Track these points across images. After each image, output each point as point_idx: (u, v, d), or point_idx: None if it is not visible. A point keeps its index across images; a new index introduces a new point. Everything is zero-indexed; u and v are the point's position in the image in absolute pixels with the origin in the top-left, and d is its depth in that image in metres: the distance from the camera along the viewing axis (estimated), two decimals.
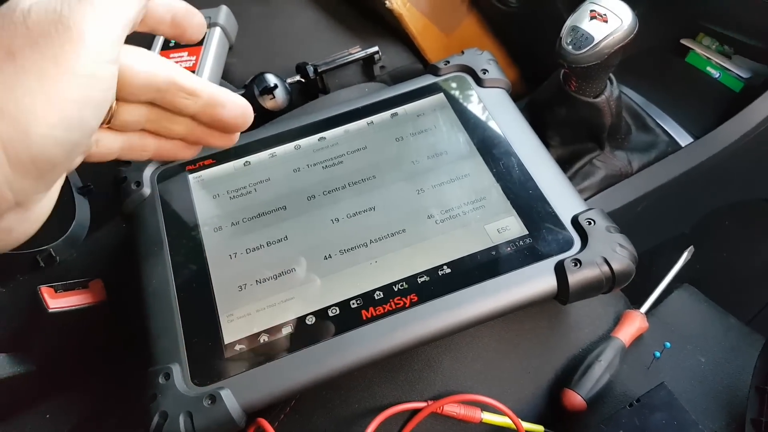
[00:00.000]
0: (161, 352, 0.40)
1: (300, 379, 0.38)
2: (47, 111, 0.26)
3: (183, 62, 0.68)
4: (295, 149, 0.51)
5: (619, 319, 0.49)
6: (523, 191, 0.45)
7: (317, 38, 0.74)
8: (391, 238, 0.44)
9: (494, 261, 0.42)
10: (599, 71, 0.51)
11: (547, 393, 0.46)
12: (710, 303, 0.52)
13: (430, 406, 0.42)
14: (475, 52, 0.55)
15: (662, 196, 0.61)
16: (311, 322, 0.40)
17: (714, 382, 0.47)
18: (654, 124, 0.65)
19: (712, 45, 0.69)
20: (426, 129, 0.51)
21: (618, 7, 0.49)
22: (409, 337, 0.40)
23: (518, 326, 0.48)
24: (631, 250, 0.41)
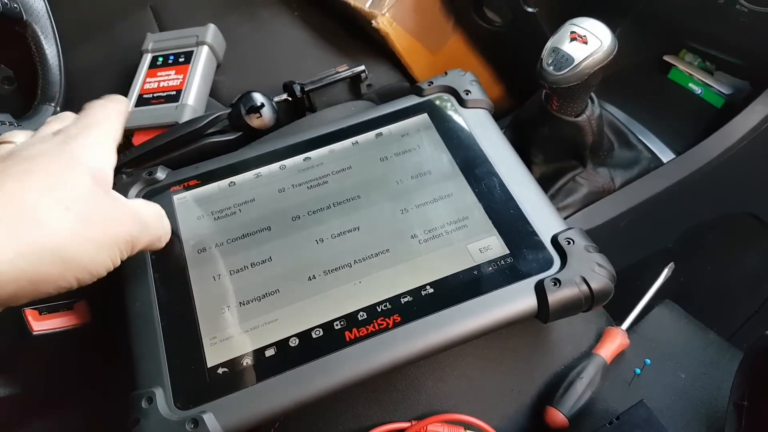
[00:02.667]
0: (144, 376, 0.40)
1: (283, 401, 0.38)
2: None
3: (170, 81, 0.68)
4: (280, 169, 0.51)
5: (600, 336, 0.49)
6: (505, 211, 0.46)
7: (304, 57, 0.74)
8: (374, 258, 0.45)
9: (476, 280, 0.42)
10: (580, 91, 0.52)
11: (530, 410, 0.46)
12: (690, 319, 0.53)
13: (413, 426, 0.43)
14: (459, 73, 0.56)
15: (645, 212, 0.62)
16: (294, 344, 0.40)
17: (693, 398, 0.47)
18: (636, 140, 0.66)
19: (695, 61, 0.70)
20: (410, 149, 0.51)
21: (597, 28, 0.50)
22: (392, 357, 0.40)
23: (501, 344, 0.48)
24: (609, 270, 0.42)
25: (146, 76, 0.70)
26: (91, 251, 0.32)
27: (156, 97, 0.67)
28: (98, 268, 0.33)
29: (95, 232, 0.32)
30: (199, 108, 0.67)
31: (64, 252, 0.30)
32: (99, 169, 0.34)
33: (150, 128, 0.65)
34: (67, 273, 0.31)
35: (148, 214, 0.38)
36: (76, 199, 0.31)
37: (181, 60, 0.71)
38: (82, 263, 0.31)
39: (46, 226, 0.29)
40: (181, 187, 0.50)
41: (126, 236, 0.35)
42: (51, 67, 0.70)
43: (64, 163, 0.33)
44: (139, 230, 0.36)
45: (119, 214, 0.35)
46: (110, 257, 0.33)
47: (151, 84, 0.69)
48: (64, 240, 0.30)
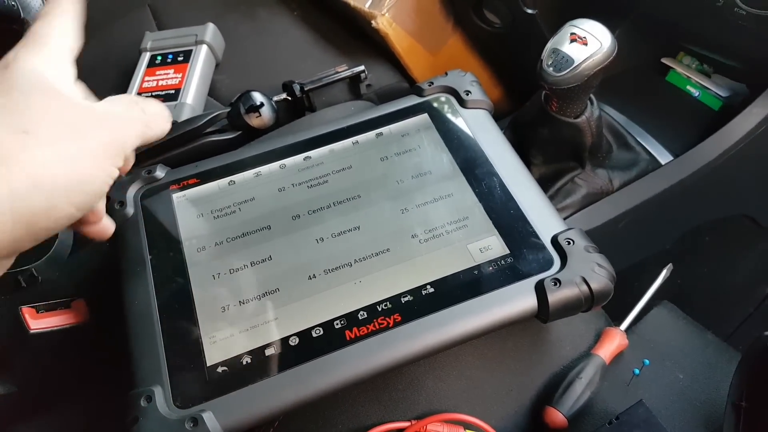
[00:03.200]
0: (143, 374, 0.40)
1: (283, 400, 0.38)
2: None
3: (169, 79, 0.68)
4: (280, 168, 0.51)
5: (599, 337, 0.49)
6: (505, 211, 0.46)
7: (304, 56, 0.74)
8: (375, 257, 0.45)
9: (477, 280, 0.42)
10: (579, 92, 0.52)
11: (529, 410, 0.46)
12: (688, 320, 0.53)
13: (413, 425, 0.43)
14: (459, 73, 0.56)
15: (643, 214, 0.62)
16: (294, 343, 0.40)
17: (692, 399, 0.47)
18: (635, 142, 0.66)
19: (692, 64, 0.70)
20: (410, 149, 0.51)
21: (597, 30, 0.50)
22: (392, 357, 0.40)
23: (500, 344, 0.48)
24: (609, 270, 0.42)
25: (145, 74, 0.70)
26: (70, 168, 0.28)
27: (155, 96, 0.67)
28: (90, 184, 0.30)
29: (65, 147, 0.28)
30: (197, 107, 0.67)
31: (40, 178, 0.27)
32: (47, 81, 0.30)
33: None
34: (56, 200, 0.28)
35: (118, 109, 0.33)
36: (32, 120, 0.28)
37: (180, 59, 0.70)
38: (68, 184, 0.28)
39: (9, 157, 0.26)
40: (181, 185, 0.50)
41: (104, 140, 0.31)
42: None
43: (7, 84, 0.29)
44: (115, 128, 0.32)
45: (86, 121, 0.30)
46: (98, 167, 0.30)
47: (150, 83, 0.69)
48: (35, 166, 0.27)
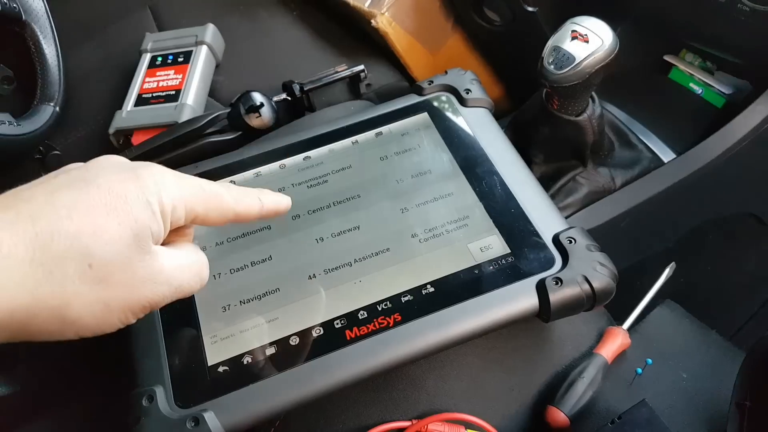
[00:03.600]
0: (144, 374, 0.40)
1: (284, 400, 0.38)
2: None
3: (169, 80, 0.68)
4: (280, 168, 0.51)
5: (601, 336, 0.49)
6: (506, 210, 0.46)
7: (304, 56, 0.74)
8: (375, 257, 0.44)
9: (477, 280, 0.42)
10: (581, 90, 0.52)
11: (531, 410, 0.46)
12: (692, 319, 0.53)
13: (414, 425, 0.42)
14: (459, 72, 0.56)
15: (645, 212, 0.61)
16: (295, 343, 0.40)
17: (695, 398, 0.47)
18: (637, 140, 0.66)
19: (695, 61, 0.70)
20: (410, 148, 0.51)
21: (599, 27, 0.50)
22: (393, 356, 0.40)
23: (502, 344, 0.48)
24: (611, 269, 0.42)
25: (145, 75, 0.70)
26: (98, 313, 0.27)
27: (155, 97, 0.67)
28: (103, 328, 0.29)
29: (110, 296, 0.27)
30: (198, 108, 0.67)
31: (67, 310, 0.26)
32: (148, 223, 0.28)
33: (149, 128, 0.65)
34: (67, 330, 0.27)
35: (184, 276, 0.31)
36: (103, 257, 0.27)
37: (180, 60, 0.70)
38: (86, 323, 0.27)
39: (59, 282, 0.26)
40: None
41: (146, 303, 0.29)
42: (50, 66, 0.70)
43: (115, 204, 0.28)
44: (164, 294, 0.30)
45: (148, 279, 0.29)
46: (120, 320, 0.29)
47: (150, 84, 0.69)
48: (72, 299, 0.26)
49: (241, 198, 0.34)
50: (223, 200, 0.32)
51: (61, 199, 0.27)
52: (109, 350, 0.46)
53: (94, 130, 0.71)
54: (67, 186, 0.28)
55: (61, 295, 0.26)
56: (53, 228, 0.26)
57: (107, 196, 0.28)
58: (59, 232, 0.26)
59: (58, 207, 0.27)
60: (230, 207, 0.33)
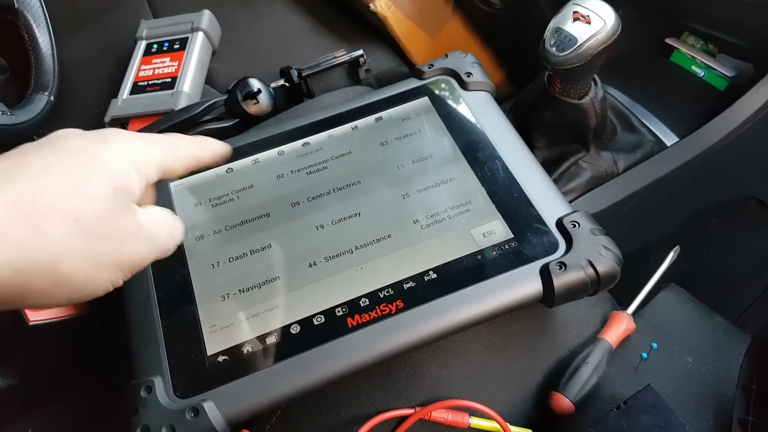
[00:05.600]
0: (143, 365, 0.39)
1: (285, 389, 0.38)
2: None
3: (165, 68, 0.67)
4: (278, 155, 0.50)
5: (606, 321, 0.49)
6: (508, 195, 0.45)
7: (302, 42, 0.73)
8: (376, 244, 0.44)
9: (480, 265, 0.42)
10: (583, 72, 0.51)
11: (535, 396, 0.46)
12: (696, 303, 0.52)
13: (417, 412, 0.42)
14: (459, 55, 0.55)
15: (649, 196, 0.61)
16: (296, 331, 0.40)
17: (701, 382, 0.47)
18: (639, 124, 0.65)
19: (697, 44, 0.69)
20: (411, 133, 0.51)
21: (601, 8, 0.49)
22: (395, 344, 0.39)
23: (505, 330, 0.47)
24: (615, 252, 0.41)
25: (141, 63, 0.69)
26: (89, 270, 0.28)
27: (151, 85, 0.66)
28: (94, 289, 0.29)
29: (99, 251, 0.28)
30: (194, 95, 0.66)
31: (58, 266, 0.27)
32: (126, 180, 0.30)
33: (145, 116, 0.64)
34: (57, 290, 0.28)
35: (161, 232, 0.33)
36: (89, 212, 0.28)
37: (176, 47, 0.70)
38: (76, 282, 0.28)
39: (47, 236, 0.26)
40: None
41: (132, 256, 0.30)
42: (44, 55, 0.69)
43: (91, 164, 0.29)
44: (148, 250, 0.32)
45: (131, 233, 0.30)
46: (110, 279, 0.30)
47: (146, 71, 0.68)
48: (62, 254, 0.27)
49: (194, 145, 0.36)
50: (183, 150, 0.35)
51: (35, 163, 0.27)
52: (107, 341, 0.46)
53: (90, 119, 0.70)
54: (35, 153, 0.28)
55: (51, 250, 0.26)
56: (32, 187, 0.26)
57: (81, 157, 0.29)
58: (40, 191, 0.26)
59: (33, 169, 0.27)
60: (191, 154, 0.35)
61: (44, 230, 0.26)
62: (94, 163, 0.29)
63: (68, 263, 0.27)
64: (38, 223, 0.26)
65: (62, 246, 0.27)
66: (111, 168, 0.29)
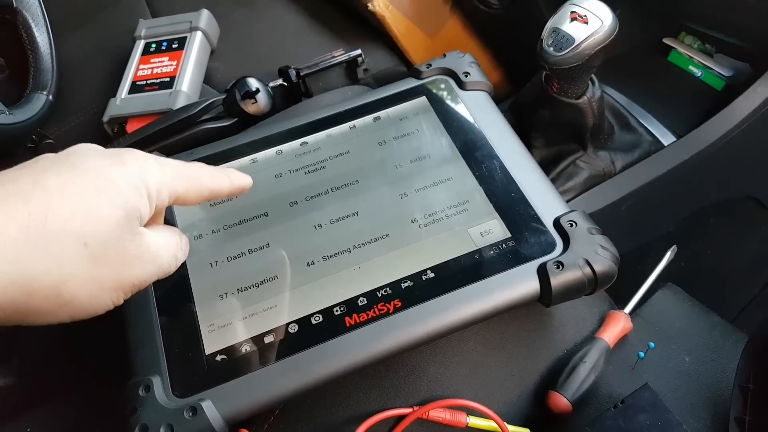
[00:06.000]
0: (141, 364, 0.39)
1: (283, 388, 0.38)
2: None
3: (164, 67, 0.67)
4: (276, 154, 0.50)
5: (603, 320, 0.49)
6: (506, 194, 0.45)
7: (300, 41, 0.73)
8: (374, 243, 0.44)
9: (478, 264, 0.42)
10: (581, 72, 0.51)
11: (533, 395, 0.46)
12: (694, 302, 0.52)
13: (415, 411, 0.42)
14: (457, 54, 0.55)
15: (646, 196, 0.61)
16: (294, 331, 0.40)
17: (698, 381, 0.47)
18: (637, 123, 0.65)
19: (694, 44, 0.69)
20: (409, 133, 0.51)
21: (598, 8, 0.49)
22: (393, 343, 0.39)
23: (503, 329, 0.47)
24: (612, 252, 0.41)
25: (139, 62, 0.69)
26: (93, 292, 0.28)
27: (149, 84, 0.66)
28: (96, 308, 0.29)
29: (104, 274, 0.28)
30: (193, 94, 0.66)
31: (63, 289, 0.27)
32: (137, 205, 0.29)
33: (144, 115, 0.64)
34: (60, 310, 0.28)
35: (166, 255, 0.33)
36: (98, 236, 0.27)
37: (175, 46, 0.69)
38: (80, 303, 0.28)
39: (55, 259, 0.26)
40: None
41: (135, 281, 0.30)
42: (42, 54, 0.69)
43: (106, 188, 0.28)
44: (151, 273, 0.31)
45: (136, 256, 0.30)
46: (112, 299, 0.30)
47: (145, 71, 0.68)
48: (68, 277, 0.27)
49: (214, 177, 0.35)
50: (201, 180, 0.34)
51: (51, 181, 0.27)
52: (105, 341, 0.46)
53: (88, 118, 0.70)
54: (53, 170, 0.28)
55: (58, 274, 0.26)
56: (46, 208, 0.26)
57: (96, 180, 0.28)
58: (53, 212, 0.26)
59: (48, 188, 0.27)
60: (206, 186, 0.35)
61: (53, 253, 0.26)
62: (109, 188, 0.29)
63: (73, 286, 0.27)
64: (47, 246, 0.26)
65: (69, 269, 0.27)
66: (125, 193, 0.29)
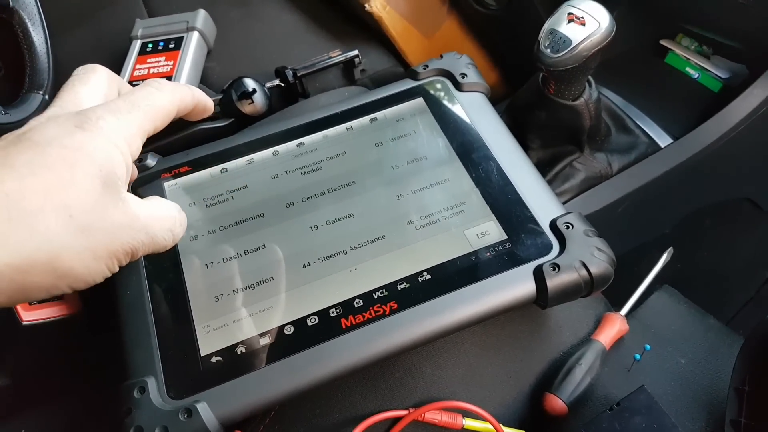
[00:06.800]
0: (136, 365, 0.39)
1: (278, 390, 0.38)
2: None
3: (160, 67, 0.67)
4: (273, 155, 0.50)
5: (599, 322, 0.49)
6: (502, 196, 0.45)
7: (297, 42, 0.73)
8: (370, 244, 0.44)
9: (474, 266, 0.42)
10: (578, 74, 0.51)
11: (529, 397, 0.46)
12: (690, 304, 0.52)
13: (411, 413, 0.42)
14: (454, 56, 0.55)
15: (642, 198, 0.61)
16: (289, 332, 0.40)
17: (694, 384, 0.47)
18: (633, 125, 0.65)
19: (691, 45, 0.69)
20: (405, 134, 0.51)
21: (595, 9, 0.49)
22: (389, 345, 0.39)
23: (499, 331, 0.47)
24: (609, 254, 0.41)
25: (136, 62, 0.69)
26: (87, 261, 0.29)
27: None
28: (94, 277, 0.30)
29: (95, 243, 0.29)
30: None
31: (58, 262, 0.27)
32: (112, 169, 0.30)
33: None
34: (60, 282, 0.28)
35: (158, 226, 0.33)
36: (81, 207, 0.28)
37: (171, 46, 0.69)
38: (77, 273, 0.29)
39: (44, 234, 0.27)
40: (172, 174, 0.49)
41: (128, 248, 0.31)
42: (39, 54, 0.69)
43: (74, 158, 0.28)
44: (142, 242, 0.32)
45: (126, 225, 0.30)
46: (108, 266, 0.30)
47: (141, 71, 0.68)
48: (61, 250, 0.27)
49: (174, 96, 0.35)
50: (163, 107, 0.34)
51: (18, 160, 0.27)
52: (100, 342, 0.46)
53: None
54: (16, 149, 0.28)
55: (49, 248, 0.27)
56: (21, 187, 0.26)
57: (63, 151, 0.28)
58: (30, 190, 0.27)
59: (17, 167, 0.27)
60: (168, 109, 0.35)
61: (40, 230, 0.26)
62: (76, 157, 0.29)
63: (67, 258, 0.28)
64: (33, 223, 0.26)
65: (59, 243, 0.27)
66: (94, 158, 0.29)
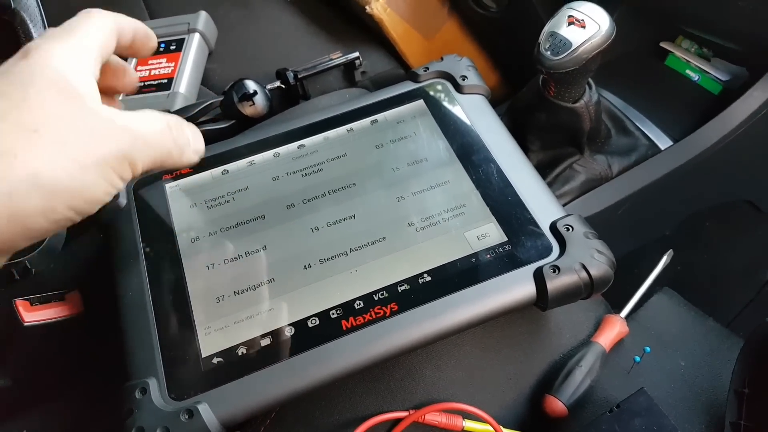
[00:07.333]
0: (137, 366, 0.39)
1: (279, 391, 0.38)
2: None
3: (161, 68, 0.67)
4: (274, 157, 0.50)
5: (599, 324, 0.49)
6: (503, 198, 0.45)
7: (298, 44, 0.73)
8: (371, 246, 0.44)
9: (474, 268, 0.42)
10: (578, 76, 0.51)
11: (529, 399, 0.46)
12: (689, 306, 0.53)
13: (411, 415, 0.42)
14: (455, 58, 0.55)
15: (642, 200, 0.61)
16: (290, 334, 0.40)
17: (694, 386, 0.47)
18: (633, 127, 0.65)
19: (692, 48, 0.69)
20: (406, 136, 0.51)
21: (596, 12, 0.49)
22: (389, 346, 0.39)
23: (499, 333, 0.48)
24: (609, 256, 0.41)
25: (137, 64, 0.69)
26: (75, 173, 0.28)
27: (147, 86, 0.66)
28: (92, 192, 0.29)
29: (74, 152, 0.28)
30: (190, 96, 0.66)
31: (41, 178, 0.26)
32: (65, 82, 0.29)
33: None
34: (55, 202, 0.27)
35: (145, 129, 0.31)
36: (42, 120, 0.27)
37: (173, 48, 0.69)
38: (69, 188, 0.28)
39: (14, 154, 0.26)
40: (174, 175, 0.50)
41: (115, 153, 0.29)
42: None
43: (22, 78, 0.28)
44: (133, 145, 0.30)
45: (101, 129, 0.29)
46: (104, 178, 0.29)
47: (142, 72, 0.68)
48: (39, 165, 0.26)
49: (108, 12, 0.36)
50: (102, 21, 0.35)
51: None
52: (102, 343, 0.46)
53: None
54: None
55: (24, 166, 0.26)
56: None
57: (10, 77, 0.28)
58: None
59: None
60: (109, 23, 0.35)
61: (7, 149, 0.26)
62: (23, 78, 0.28)
63: (48, 171, 0.27)
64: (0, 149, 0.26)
65: (32, 158, 0.26)
66: (43, 75, 0.28)
